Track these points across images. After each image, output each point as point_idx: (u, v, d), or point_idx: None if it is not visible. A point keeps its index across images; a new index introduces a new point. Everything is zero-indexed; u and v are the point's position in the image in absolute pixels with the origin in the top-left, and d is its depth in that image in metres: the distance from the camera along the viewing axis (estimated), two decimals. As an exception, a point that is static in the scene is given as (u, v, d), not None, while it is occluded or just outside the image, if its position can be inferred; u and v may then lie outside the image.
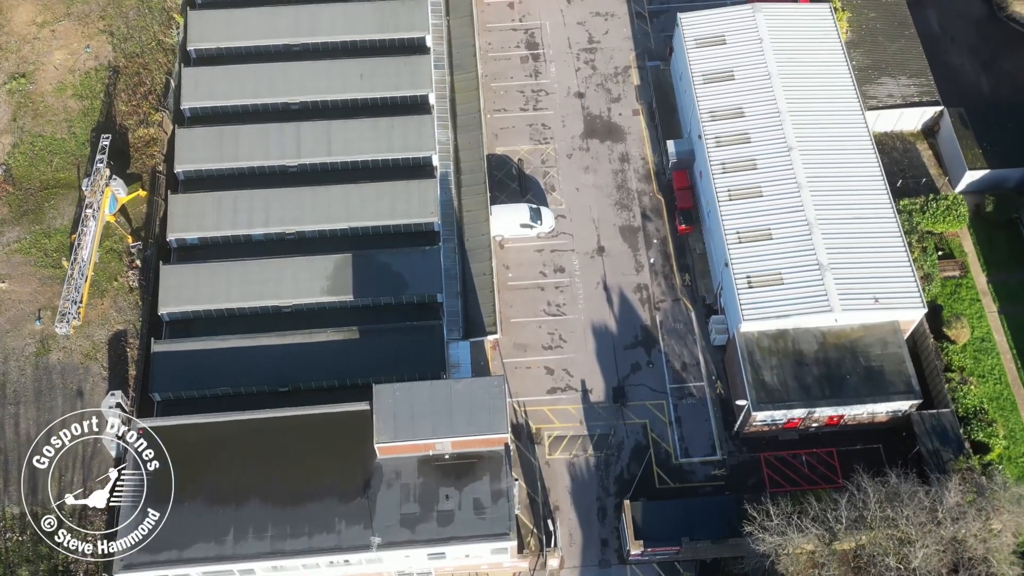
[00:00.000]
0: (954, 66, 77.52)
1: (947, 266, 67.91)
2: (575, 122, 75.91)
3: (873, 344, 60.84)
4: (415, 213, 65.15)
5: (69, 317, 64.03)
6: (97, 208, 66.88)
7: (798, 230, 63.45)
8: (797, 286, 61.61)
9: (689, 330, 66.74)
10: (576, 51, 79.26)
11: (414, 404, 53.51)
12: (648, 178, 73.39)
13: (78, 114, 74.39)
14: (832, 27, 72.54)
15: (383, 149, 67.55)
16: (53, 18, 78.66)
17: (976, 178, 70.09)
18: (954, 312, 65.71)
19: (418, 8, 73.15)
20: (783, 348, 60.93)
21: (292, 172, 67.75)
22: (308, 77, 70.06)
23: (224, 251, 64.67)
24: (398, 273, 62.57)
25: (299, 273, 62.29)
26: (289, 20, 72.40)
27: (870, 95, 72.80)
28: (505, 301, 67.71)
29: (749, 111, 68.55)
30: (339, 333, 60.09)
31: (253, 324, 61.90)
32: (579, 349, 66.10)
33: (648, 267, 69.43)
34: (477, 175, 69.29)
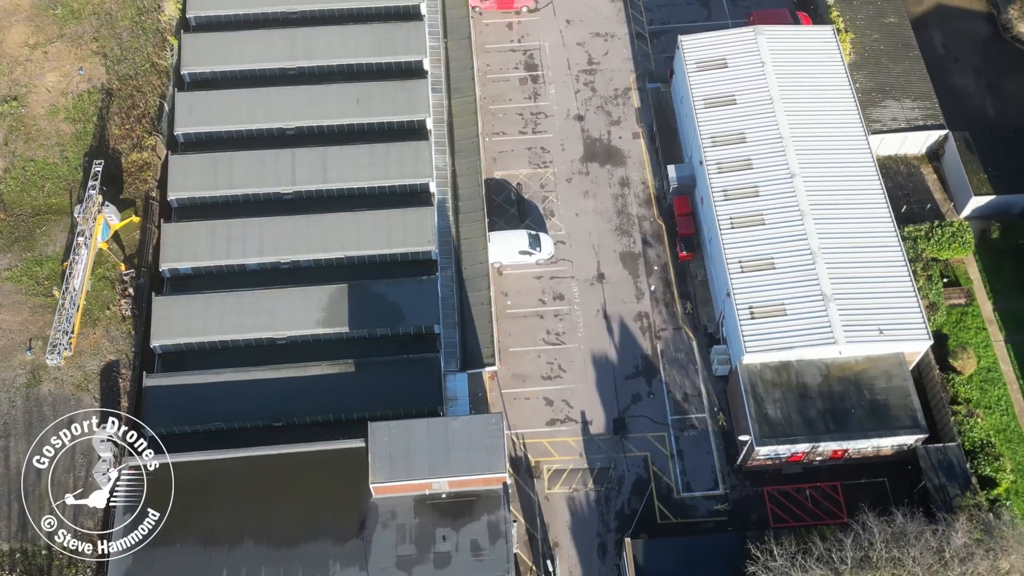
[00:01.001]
0: (959, 88, 76.54)
1: (952, 294, 66.86)
2: (575, 145, 74.90)
3: (878, 377, 59.78)
4: (412, 242, 64.11)
5: (60, 348, 62.97)
6: (89, 236, 65.86)
7: (801, 259, 62.37)
8: (800, 317, 60.54)
9: (691, 360, 65.69)
10: (576, 72, 78.26)
11: (410, 443, 52.51)
12: (649, 203, 72.37)
13: (71, 138, 73.38)
14: (835, 50, 71.50)
15: (379, 176, 66.54)
16: (46, 39, 77.68)
17: (981, 204, 69.04)
18: (960, 342, 64.63)
19: (415, 31, 72.17)
20: (786, 380, 59.88)
21: (287, 199, 66.73)
22: (304, 102, 69.03)
23: (218, 281, 63.61)
24: (395, 304, 61.51)
25: (294, 304, 61.23)
26: (284, 43, 71.42)
27: (874, 118, 71.80)
28: (504, 330, 66.66)
29: (751, 136, 67.51)
30: (334, 366, 59.01)
31: (247, 356, 60.84)
32: (579, 379, 65.05)
33: (649, 295, 68.38)
34: (475, 201, 68.23)
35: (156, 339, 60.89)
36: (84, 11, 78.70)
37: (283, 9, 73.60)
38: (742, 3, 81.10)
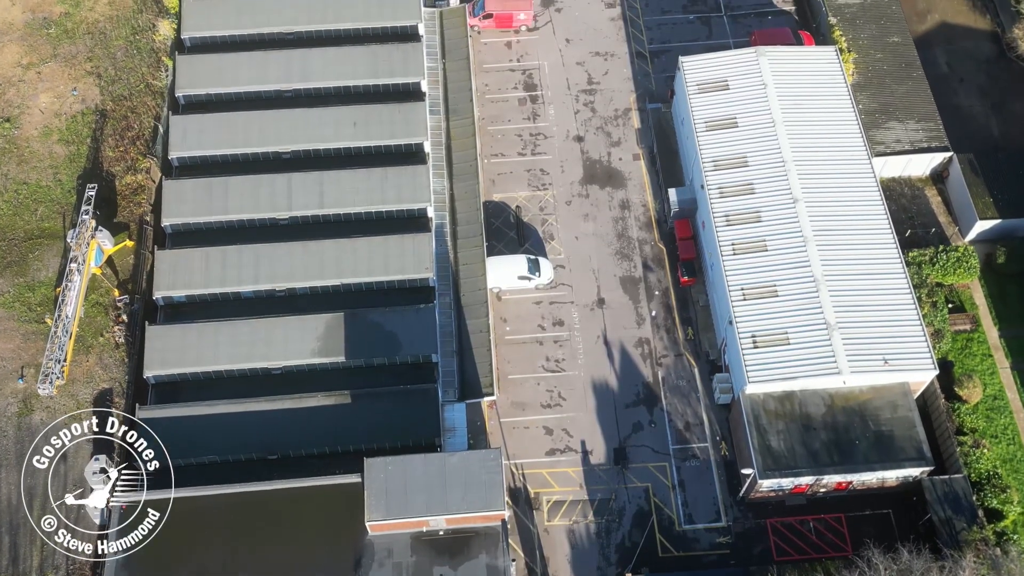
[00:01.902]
0: (963, 108, 75.60)
1: (957, 320, 65.92)
2: (574, 167, 73.97)
3: (883, 407, 58.83)
4: (410, 269, 63.18)
5: (52, 377, 62.00)
6: (82, 262, 64.93)
7: (804, 287, 61.43)
8: (804, 346, 59.60)
9: (692, 388, 64.72)
10: (575, 92, 77.32)
11: (407, 479, 51.56)
12: (649, 226, 71.42)
13: (64, 160, 72.43)
14: (838, 71, 70.55)
15: (377, 201, 65.61)
16: (39, 59, 76.72)
17: (987, 227, 68.11)
18: (965, 370, 63.70)
19: (413, 52, 71.25)
20: (790, 411, 58.94)
21: (283, 225, 65.79)
22: (300, 125, 68.10)
23: (212, 309, 62.68)
24: (392, 333, 60.57)
25: (289, 334, 60.31)
26: (280, 65, 70.48)
27: (877, 140, 70.88)
28: (503, 356, 65.70)
29: (753, 160, 66.57)
30: (330, 398, 58.10)
31: (242, 386, 59.90)
32: (579, 407, 64.09)
33: (650, 320, 67.46)
34: (473, 226, 67.30)
35: (149, 370, 59.94)
36: (78, 31, 77.80)
37: (279, 30, 72.66)
38: (743, 22, 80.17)
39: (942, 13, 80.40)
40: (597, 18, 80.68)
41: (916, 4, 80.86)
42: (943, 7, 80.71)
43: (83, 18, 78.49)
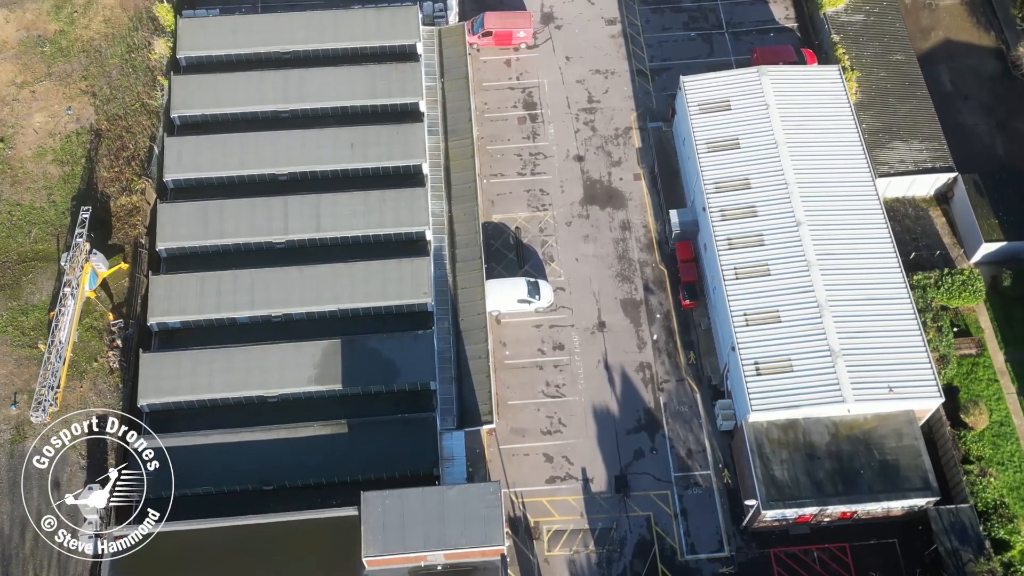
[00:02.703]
0: (968, 127, 74.75)
1: (963, 344, 65.01)
2: (574, 187, 73.10)
3: (888, 435, 57.96)
4: (408, 294, 62.34)
5: (46, 404, 61.18)
6: (76, 286, 64.13)
7: (808, 312, 60.57)
8: (808, 374, 58.72)
9: (694, 413, 63.84)
10: (575, 111, 76.46)
11: (405, 513, 50.70)
12: (650, 247, 70.54)
13: (58, 181, 71.62)
14: (841, 91, 69.68)
15: (375, 224, 64.79)
16: (33, 78, 75.92)
17: (992, 249, 67.26)
18: (971, 395, 62.82)
19: (412, 72, 70.43)
20: (793, 440, 58.05)
21: (280, 248, 64.93)
22: (297, 147, 67.29)
23: (208, 335, 61.83)
24: (389, 360, 59.71)
25: (286, 361, 59.46)
26: (277, 85, 69.62)
27: (881, 160, 70.03)
28: (502, 381, 64.82)
29: (755, 182, 65.71)
30: (326, 427, 57.25)
31: (237, 415, 59.05)
32: (579, 434, 63.20)
33: (651, 344, 66.56)
34: (472, 249, 66.44)
35: (143, 398, 59.09)
36: (73, 49, 77.01)
37: (276, 49, 71.89)
38: (745, 39, 79.33)
39: (946, 30, 79.56)
40: (597, 35, 79.84)
41: (920, 21, 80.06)
42: (947, 24, 79.89)
43: (78, 36, 77.71)
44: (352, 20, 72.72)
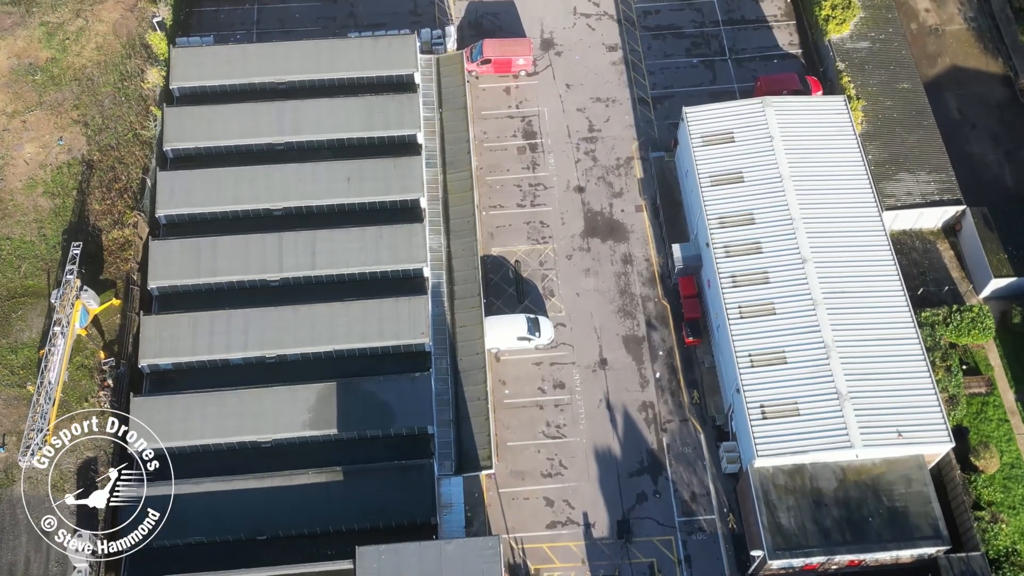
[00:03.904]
0: (976, 156, 73.43)
1: (972, 382, 63.63)
2: (575, 219, 71.73)
3: (896, 481, 56.60)
4: (405, 334, 60.92)
5: (34, 448, 59.75)
6: (66, 324, 62.68)
7: (814, 353, 59.23)
8: (815, 418, 57.40)
9: (698, 455, 62.47)
10: (576, 140, 75.11)
11: (401, 569, 49.42)
12: (653, 282, 69.17)
13: (49, 214, 70.16)
14: (847, 122, 68.34)
15: (371, 261, 63.40)
16: (24, 107, 74.45)
17: (1002, 285, 65.91)
18: (981, 436, 61.48)
19: (409, 104, 69.03)
20: (800, 486, 56.69)
21: (274, 286, 63.57)
22: (292, 181, 65.90)
23: (200, 377, 60.40)
24: (386, 404, 58.33)
25: (280, 405, 58.06)
26: (272, 117, 68.21)
27: (888, 193, 68.67)
28: (501, 422, 63.44)
29: (760, 218, 64.38)
30: (321, 475, 55.84)
31: (230, 460, 57.65)
32: (581, 476, 61.82)
33: (654, 382, 65.19)
34: (471, 286, 65.07)
35: (135, 445, 57.56)
36: (64, 77, 75.52)
37: (271, 80, 70.45)
38: (748, 65, 78.01)
39: (952, 56, 78.27)
40: (598, 62, 78.49)
41: (926, 47, 78.77)
42: (954, 49, 78.58)
43: (70, 63, 76.23)
44: (349, 49, 71.35)
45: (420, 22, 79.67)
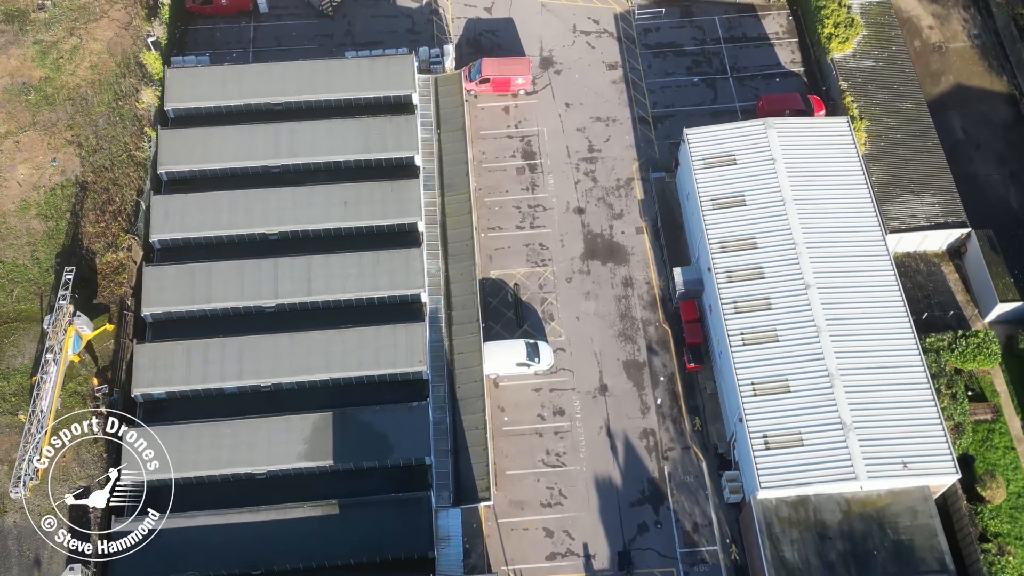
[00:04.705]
0: (980, 177, 72.52)
1: (978, 409, 62.71)
2: (575, 241, 70.80)
3: (902, 513, 55.67)
4: (402, 362, 59.94)
5: (26, 479, 58.83)
6: (59, 351, 61.76)
7: (818, 382, 58.29)
8: (818, 448, 56.44)
9: (700, 484, 61.51)
10: (575, 161, 74.19)
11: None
12: (653, 305, 68.22)
13: (42, 237, 69.20)
14: (851, 144, 67.45)
15: (368, 287, 62.47)
16: (17, 127, 73.51)
17: (1007, 310, 64.99)
18: (987, 465, 60.52)
19: (407, 125, 68.11)
20: (804, 518, 55.75)
21: (269, 312, 62.64)
22: (287, 205, 64.95)
23: (194, 407, 59.44)
24: (383, 434, 57.36)
25: (274, 436, 57.11)
26: (268, 140, 67.27)
27: (891, 215, 67.75)
28: (500, 450, 62.51)
29: (762, 242, 63.47)
30: (317, 508, 54.85)
31: (224, 493, 56.66)
32: (581, 506, 60.88)
33: (655, 409, 64.25)
34: (470, 311, 64.14)
35: (127, 477, 56.63)
36: (58, 96, 74.58)
37: (266, 101, 69.56)
38: (750, 84, 77.10)
39: (957, 74, 77.37)
40: (598, 81, 77.57)
41: (929, 65, 77.88)
42: (958, 68, 77.70)
43: (64, 83, 75.31)
44: (346, 70, 70.42)
45: (418, 40, 78.80)
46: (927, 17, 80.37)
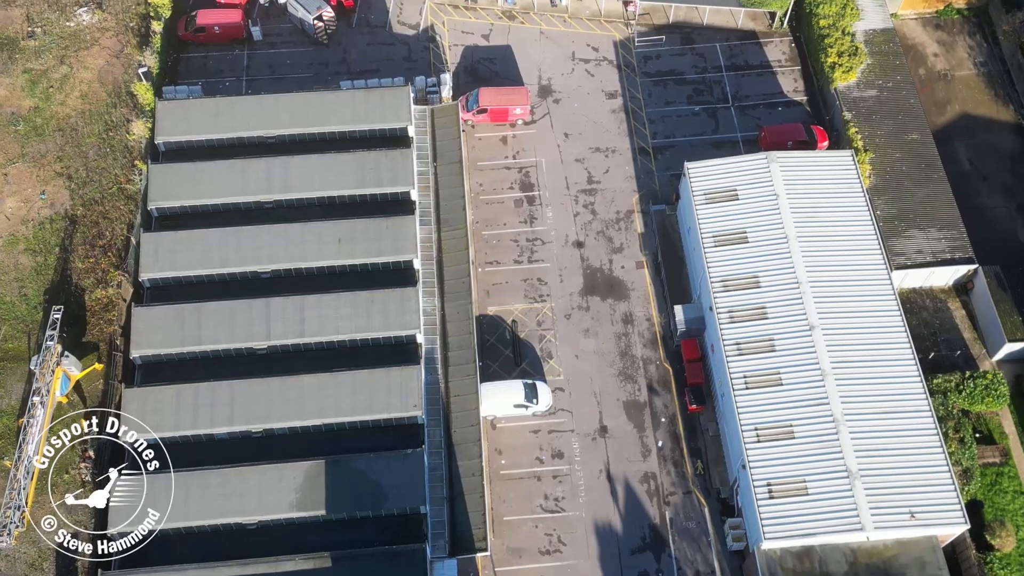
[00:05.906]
0: (987, 210, 71.15)
1: (986, 452, 61.33)
2: (574, 276, 69.40)
3: (909, 564, 54.23)
4: (397, 407, 58.55)
5: (11, 527, 57.37)
6: (46, 394, 60.39)
7: (823, 428, 56.91)
8: (824, 497, 55.03)
9: (703, 530, 60.08)
10: (575, 193, 72.82)
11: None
12: (654, 343, 66.81)
13: (30, 272, 67.80)
14: (855, 178, 66.08)
15: (362, 328, 61.06)
16: (6, 159, 72.16)
17: (1016, 349, 63.62)
18: (997, 511, 59.14)
19: (402, 160, 66.74)
20: (809, 569, 54.33)
21: (261, 354, 61.24)
22: (280, 242, 63.59)
23: (184, 454, 57.78)
24: (377, 483, 55.94)
25: (265, 485, 55.68)
26: (260, 175, 65.92)
27: (897, 250, 66.36)
28: (497, 494, 61.09)
29: (765, 281, 62.07)
30: (308, 561, 53.38)
31: (213, 544, 55.23)
32: (580, 554, 59.42)
33: (656, 451, 62.84)
34: (466, 352, 62.73)
35: (114, 526, 55.24)
36: (48, 127, 73.23)
37: (259, 134, 68.21)
38: (752, 113, 75.75)
39: (962, 103, 76.02)
40: (597, 110, 76.19)
41: (935, 93, 76.54)
42: (963, 96, 76.36)
43: (54, 113, 73.98)
44: (340, 102, 69.10)
45: (415, 68, 77.49)
46: (932, 44, 79.07)
